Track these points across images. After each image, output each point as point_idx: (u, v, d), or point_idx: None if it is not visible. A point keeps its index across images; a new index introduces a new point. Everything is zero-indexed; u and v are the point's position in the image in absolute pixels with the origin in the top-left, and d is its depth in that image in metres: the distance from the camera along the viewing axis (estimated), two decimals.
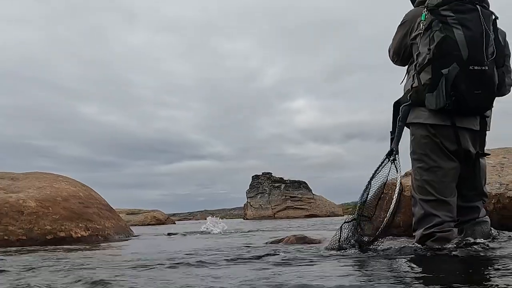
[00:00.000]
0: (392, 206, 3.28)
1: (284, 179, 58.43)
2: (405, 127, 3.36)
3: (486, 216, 3.40)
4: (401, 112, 3.30)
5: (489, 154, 3.47)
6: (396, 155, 3.37)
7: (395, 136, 3.34)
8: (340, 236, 3.61)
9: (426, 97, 3.10)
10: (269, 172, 59.78)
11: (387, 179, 3.44)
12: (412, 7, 3.58)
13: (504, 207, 4.31)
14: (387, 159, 3.45)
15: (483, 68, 3.01)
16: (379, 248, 3.41)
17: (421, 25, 3.18)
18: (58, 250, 5.15)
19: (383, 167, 3.48)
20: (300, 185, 57.40)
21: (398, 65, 3.66)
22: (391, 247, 3.38)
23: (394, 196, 3.30)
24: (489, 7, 3.22)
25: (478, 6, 3.10)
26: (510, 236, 3.58)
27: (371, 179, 3.56)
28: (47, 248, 5.53)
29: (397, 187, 3.29)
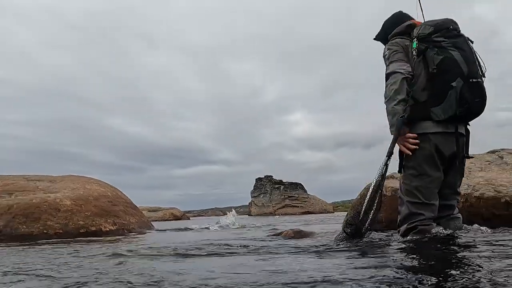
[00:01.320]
0: (375, 203, 3.31)
1: (283, 181, 58.55)
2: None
3: (459, 213, 3.45)
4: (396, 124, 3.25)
5: (473, 157, 3.48)
6: (389, 161, 3.32)
7: (391, 144, 3.28)
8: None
9: (431, 111, 3.12)
10: (270, 175, 59.91)
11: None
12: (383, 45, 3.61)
13: (471, 205, 4.30)
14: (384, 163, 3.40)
15: (479, 80, 3.13)
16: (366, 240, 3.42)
17: (414, 52, 3.21)
18: (94, 242, 5.12)
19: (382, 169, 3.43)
20: (297, 186, 57.51)
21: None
22: (381, 239, 3.40)
23: (378, 195, 3.33)
24: None
25: (461, 32, 3.26)
26: (479, 228, 3.60)
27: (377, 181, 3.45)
28: (82, 240, 5.51)
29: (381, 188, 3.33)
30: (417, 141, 3.15)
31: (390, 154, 3.32)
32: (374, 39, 3.85)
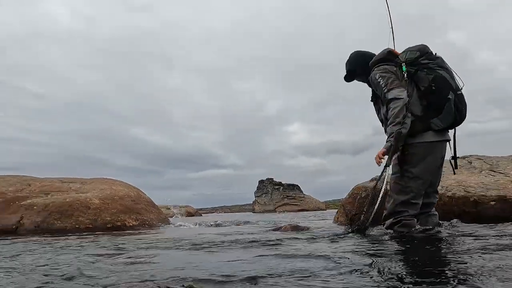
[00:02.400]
0: (377, 203, 3.32)
1: (282, 183, 58.41)
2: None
3: (435, 210, 3.45)
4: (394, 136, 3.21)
5: (459, 157, 3.52)
6: (388, 167, 3.33)
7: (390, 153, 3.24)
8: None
9: (431, 122, 3.15)
10: (271, 178, 59.77)
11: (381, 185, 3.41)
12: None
13: (444, 204, 4.31)
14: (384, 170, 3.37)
15: (462, 92, 3.22)
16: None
17: (405, 75, 3.22)
18: (125, 235, 5.14)
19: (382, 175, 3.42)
20: (294, 187, 57.39)
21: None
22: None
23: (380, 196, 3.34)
24: None
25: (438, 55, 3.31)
26: (451, 223, 3.65)
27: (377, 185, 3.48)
28: (110, 233, 5.53)
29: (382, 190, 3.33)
30: (382, 159, 3.25)
31: (388, 165, 3.30)
32: (348, 79, 3.79)
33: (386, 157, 3.24)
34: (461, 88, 3.24)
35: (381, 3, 3.76)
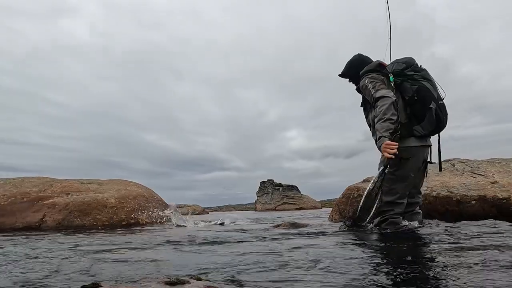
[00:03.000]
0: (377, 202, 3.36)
1: (282, 183, 58.22)
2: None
3: (419, 209, 3.46)
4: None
5: (435, 163, 3.52)
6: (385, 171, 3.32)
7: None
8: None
9: (414, 129, 3.18)
10: (272, 179, 59.57)
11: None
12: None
13: (429, 203, 4.33)
14: (382, 173, 3.35)
15: (443, 102, 3.25)
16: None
17: (392, 84, 3.24)
18: (141, 231, 5.17)
19: (379, 179, 3.40)
20: (293, 187, 57.15)
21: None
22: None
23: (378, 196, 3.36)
24: None
25: (423, 67, 3.34)
26: (437, 222, 3.64)
27: (372, 185, 3.47)
28: (124, 230, 5.56)
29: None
30: (396, 148, 2.98)
31: (386, 165, 3.30)
32: (342, 76, 3.77)
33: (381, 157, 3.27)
34: (443, 98, 3.26)
35: (368, 23, 3.87)
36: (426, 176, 3.54)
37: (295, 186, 57.54)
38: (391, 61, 3.46)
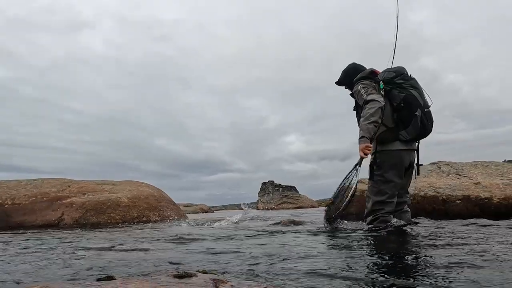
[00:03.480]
0: (347, 200, 3.38)
1: (282, 184, 58.14)
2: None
3: (408, 208, 3.46)
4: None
5: (422, 165, 3.52)
6: (359, 168, 3.35)
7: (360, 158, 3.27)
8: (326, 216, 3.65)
9: (400, 134, 3.16)
10: (272, 180, 59.50)
11: (350, 183, 3.42)
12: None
13: (417, 202, 4.34)
14: (354, 170, 3.37)
15: (429, 109, 3.22)
16: (342, 226, 3.48)
17: (382, 91, 3.23)
18: (148, 227, 5.20)
19: (351, 174, 3.41)
20: (292, 188, 57.03)
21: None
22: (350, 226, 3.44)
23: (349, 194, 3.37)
24: None
25: (412, 76, 3.32)
26: (428, 220, 3.66)
27: (343, 181, 3.49)
28: (135, 226, 5.59)
29: (353, 189, 3.36)
30: (370, 150, 3.13)
31: (360, 163, 3.30)
32: (338, 83, 3.76)
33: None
34: (429, 106, 3.25)
35: (361, 36, 3.85)
36: (415, 178, 3.55)
37: (294, 187, 57.42)
38: (384, 69, 3.45)
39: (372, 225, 3.23)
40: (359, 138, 3.15)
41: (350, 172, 3.43)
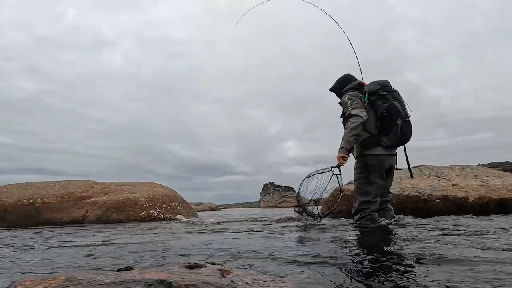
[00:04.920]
0: (338, 200, 3.43)
1: (281, 185, 58.08)
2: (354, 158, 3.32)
3: (391, 206, 3.43)
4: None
5: (401, 169, 3.51)
6: (339, 174, 3.33)
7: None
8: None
9: (381, 140, 3.14)
10: (273, 182, 59.42)
11: (340, 184, 3.35)
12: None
13: (401, 201, 4.32)
14: (332, 173, 3.31)
15: (409, 119, 3.21)
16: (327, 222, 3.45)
17: (366, 102, 3.22)
18: (162, 223, 5.19)
19: (322, 173, 3.36)
20: (290, 189, 56.81)
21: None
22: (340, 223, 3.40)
23: (339, 195, 3.43)
24: None
25: (395, 88, 3.31)
26: (412, 218, 3.63)
27: (307, 177, 3.46)
28: (151, 223, 5.58)
29: (341, 190, 3.41)
30: (346, 160, 3.18)
31: (338, 166, 3.29)
32: (331, 90, 3.70)
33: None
34: (410, 116, 3.23)
35: (350, 53, 3.83)
36: (397, 179, 3.54)
37: (292, 188, 57.21)
38: (370, 82, 3.42)
39: (360, 222, 3.20)
40: (340, 148, 3.18)
41: (322, 170, 3.37)
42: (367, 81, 3.51)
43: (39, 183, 7.62)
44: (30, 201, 6.65)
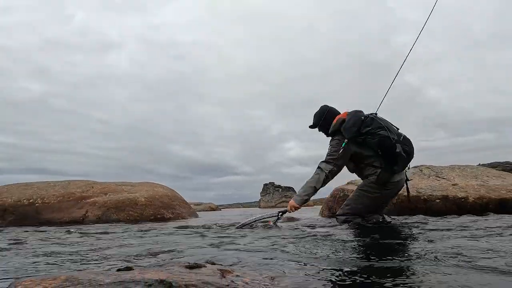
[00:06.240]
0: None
1: (281, 185, 58.12)
2: None
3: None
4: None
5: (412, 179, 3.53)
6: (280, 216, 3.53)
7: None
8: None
9: (394, 168, 3.03)
10: (273, 182, 59.47)
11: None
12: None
13: (402, 202, 4.31)
14: (277, 217, 3.49)
15: (403, 134, 3.13)
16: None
17: (342, 150, 3.14)
18: (162, 223, 5.18)
19: (271, 217, 3.55)
20: (290, 189, 56.92)
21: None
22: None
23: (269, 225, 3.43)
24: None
25: (370, 114, 3.23)
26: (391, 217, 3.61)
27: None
28: (152, 223, 5.57)
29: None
30: (296, 210, 3.28)
31: (284, 212, 3.43)
32: (312, 127, 3.51)
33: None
34: (398, 129, 3.14)
35: (354, 56, 3.81)
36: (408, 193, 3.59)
37: (292, 187, 57.32)
38: (343, 126, 3.16)
39: (345, 223, 3.20)
40: (297, 196, 3.22)
41: (272, 215, 3.52)
42: (366, 82, 3.49)
43: (39, 183, 7.62)
44: (30, 201, 6.65)
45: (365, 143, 3.10)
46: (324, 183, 3.16)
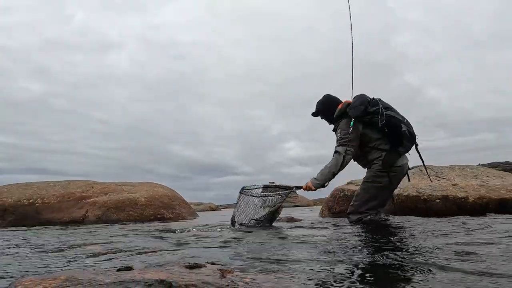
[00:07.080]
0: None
1: (281, 185, 58.15)
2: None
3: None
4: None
5: (412, 169, 3.51)
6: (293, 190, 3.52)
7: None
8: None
9: (399, 150, 3.10)
10: (273, 182, 59.53)
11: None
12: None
13: (402, 202, 4.32)
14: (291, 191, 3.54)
15: (407, 119, 3.19)
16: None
17: (352, 128, 3.14)
18: (161, 223, 5.18)
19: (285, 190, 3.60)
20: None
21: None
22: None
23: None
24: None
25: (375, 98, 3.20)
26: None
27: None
28: (151, 223, 5.57)
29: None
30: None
31: (299, 188, 3.40)
32: (314, 114, 3.55)
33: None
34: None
35: (350, 55, 3.79)
36: (409, 181, 3.58)
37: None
38: (349, 106, 3.20)
39: (356, 223, 3.18)
40: (315, 179, 3.18)
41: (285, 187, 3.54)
42: (363, 82, 3.50)
43: (39, 183, 7.62)
44: (30, 201, 6.65)
45: (371, 123, 3.11)
46: (342, 166, 3.13)
